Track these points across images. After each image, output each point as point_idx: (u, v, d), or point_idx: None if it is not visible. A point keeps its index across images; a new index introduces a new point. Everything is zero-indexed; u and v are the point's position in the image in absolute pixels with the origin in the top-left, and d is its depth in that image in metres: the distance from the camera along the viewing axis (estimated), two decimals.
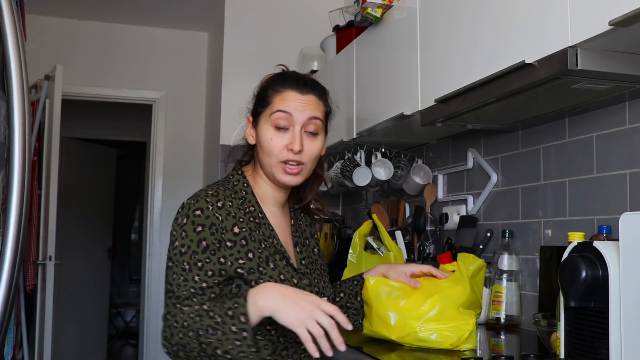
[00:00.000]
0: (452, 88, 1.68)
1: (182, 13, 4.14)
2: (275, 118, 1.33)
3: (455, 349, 1.53)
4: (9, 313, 1.02)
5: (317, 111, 1.36)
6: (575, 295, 1.17)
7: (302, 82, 1.37)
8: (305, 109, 1.34)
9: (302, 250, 1.44)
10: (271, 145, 1.33)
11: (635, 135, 1.58)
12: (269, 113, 1.34)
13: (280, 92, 1.35)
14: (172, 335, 1.19)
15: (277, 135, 1.33)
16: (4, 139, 1.11)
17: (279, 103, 1.33)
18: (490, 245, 2.12)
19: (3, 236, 1.02)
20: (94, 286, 5.66)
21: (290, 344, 1.33)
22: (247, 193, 1.37)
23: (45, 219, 3.42)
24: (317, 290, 1.39)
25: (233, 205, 1.32)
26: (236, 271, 1.27)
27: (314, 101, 1.36)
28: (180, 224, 1.27)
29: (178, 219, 1.28)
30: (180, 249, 1.25)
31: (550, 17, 1.33)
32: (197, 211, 1.27)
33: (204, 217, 1.26)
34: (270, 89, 1.37)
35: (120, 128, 6.18)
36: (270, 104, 1.35)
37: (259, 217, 1.36)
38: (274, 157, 1.33)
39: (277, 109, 1.33)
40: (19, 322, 3.39)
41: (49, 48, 4.10)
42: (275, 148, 1.33)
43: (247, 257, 1.28)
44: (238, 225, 1.30)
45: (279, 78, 1.39)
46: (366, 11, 2.20)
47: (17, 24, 1.04)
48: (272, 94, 1.36)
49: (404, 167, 2.63)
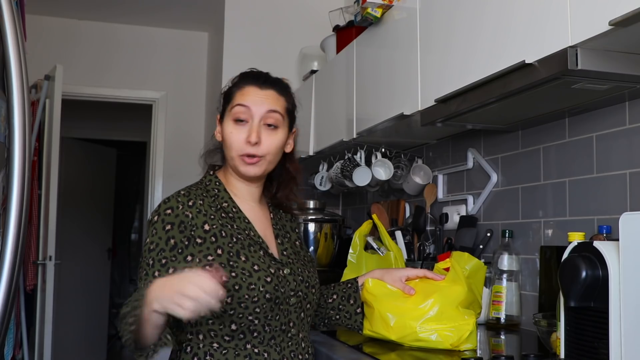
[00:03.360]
0: (452, 88, 1.68)
1: (182, 13, 4.14)
2: (235, 112, 1.38)
3: (455, 349, 1.52)
4: (9, 313, 1.02)
5: (276, 105, 1.40)
6: (575, 295, 1.17)
7: (262, 79, 1.42)
8: (264, 103, 1.38)
9: (284, 241, 1.47)
10: (231, 139, 1.38)
11: (635, 135, 1.58)
12: (230, 108, 1.40)
13: (241, 87, 1.41)
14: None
15: (237, 128, 1.38)
16: (4, 139, 1.11)
17: (239, 98, 1.39)
18: (490, 245, 2.12)
19: (3, 236, 1.02)
20: (94, 286, 5.66)
21: (276, 333, 1.34)
22: (220, 190, 1.42)
23: (45, 219, 3.42)
24: (302, 279, 1.41)
25: (204, 204, 1.36)
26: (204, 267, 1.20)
27: (273, 95, 1.41)
28: (152, 222, 1.32)
29: (151, 218, 1.33)
30: (149, 246, 1.29)
31: (550, 17, 1.33)
32: (167, 210, 1.32)
33: (173, 215, 1.31)
34: (234, 87, 1.44)
35: (120, 128, 6.19)
36: (232, 99, 1.41)
37: (232, 211, 1.40)
38: (234, 150, 1.38)
39: (237, 103, 1.39)
40: (19, 322, 3.39)
41: (49, 48, 4.10)
42: (235, 141, 1.37)
43: (216, 253, 1.31)
44: (208, 223, 1.33)
45: (241, 76, 1.45)
46: (366, 11, 2.20)
47: (17, 24, 1.04)
48: (234, 90, 1.42)
49: (404, 167, 2.63)
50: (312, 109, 2.88)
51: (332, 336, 1.77)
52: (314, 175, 3.15)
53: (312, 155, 2.90)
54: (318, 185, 3.09)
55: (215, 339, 1.31)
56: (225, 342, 1.31)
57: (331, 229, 2.91)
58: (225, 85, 1.48)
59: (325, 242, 2.93)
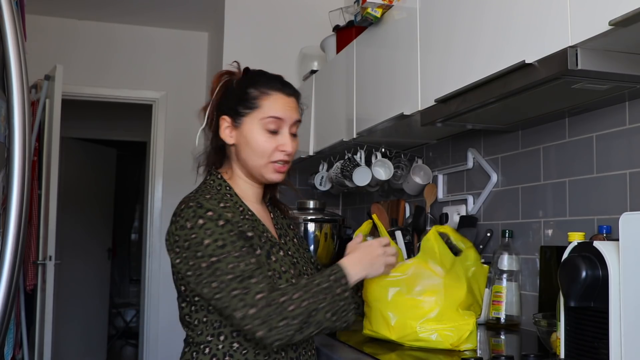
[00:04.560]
0: (452, 88, 1.68)
1: (182, 13, 4.14)
2: (267, 122, 1.37)
3: (455, 349, 1.53)
4: (9, 313, 1.02)
5: (299, 114, 1.43)
6: (575, 295, 1.17)
7: (286, 85, 1.42)
8: (292, 112, 1.40)
9: (287, 241, 1.48)
10: (264, 147, 1.37)
11: (635, 135, 1.58)
12: (260, 117, 1.37)
13: (268, 94, 1.38)
14: (284, 319, 1.19)
15: (270, 138, 1.37)
16: (4, 139, 1.11)
17: (270, 108, 1.37)
18: (490, 245, 2.12)
19: (3, 236, 1.02)
20: (94, 286, 5.66)
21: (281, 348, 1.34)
22: (232, 195, 1.39)
23: (45, 219, 3.42)
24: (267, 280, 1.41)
25: (230, 206, 1.33)
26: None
27: (296, 105, 1.42)
28: (198, 226, 1.26)
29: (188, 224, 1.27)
30: (216, 244, 1.24)
31: (551, 17, 1.33)
32: (208, 212, 1.27)
33: (216, 215, 1.27)
34: (253, 89, 1.39)
35: (120, 128, 6.18)
36: (259, 107, 1.37)
37: (248, 214, 1.38)
38: (265, 158, 1.38)
39: (270, 114, 1.37)
40: (19, 322, 3.39)
41: (49, 48, 4.10)
42: (268, 150, 1.37)
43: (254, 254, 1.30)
44: (240, 222, 1.31)
45: (260, 78, 1.41)
46: (366, 11, 2.20)
47: (17, 24, 1.04)
48: (258, 95, 1.38)
49: (404, 167, 2.63)
50: (312, 109, 2.88)
51: (332, 336, 1.77)
52: (314, 175, 3.15)
53: (312, 155, 2.90)
54: (318, 185, 3.09)
55: (236, 339, 1.30)
56: (246, 341, 1.31)
57: (331, 229, 2.91)
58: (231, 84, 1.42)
59: (325, 242, 2.93)
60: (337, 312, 1.25)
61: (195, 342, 1.32)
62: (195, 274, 1.25)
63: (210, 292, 1.23)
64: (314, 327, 1.23)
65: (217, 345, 1.30)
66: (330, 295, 1.24)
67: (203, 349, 1.31)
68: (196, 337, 1.32)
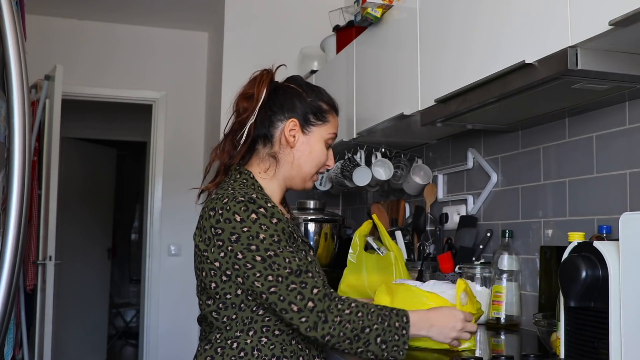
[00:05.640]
0: (452, 88, 1.68)
1: (182, 13, 4.14)
2: (330, 138, 1.47)
3: (454, 349, 1.52)
4: (9, 313, 1.02)
5: None
6: (575, 295, 1.17)
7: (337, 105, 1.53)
8: None
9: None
10: (321, 159, 1.46)
11: (635, 135, 1.58)
12: (327, 131, 1.46)
13: (334, 115, 1.49)
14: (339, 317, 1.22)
15: (325, 151, 1.47)
16: (4, 139, 1.11)
17: (334, 126, 1.49)
18: (490, 245, 2.12)
19: (3, 236, 1.02)
20: (94, 286, 5.66)
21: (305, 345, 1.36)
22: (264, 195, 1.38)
23: (45, 219, 3.42)
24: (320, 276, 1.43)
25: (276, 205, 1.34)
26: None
27: None
28: (251, 220, 1.26)
29: (236, 217, 1.26)
30: (272, 239, 1.26)
31: (551, 17, 1.33)
32: (261, 208, 1.28)
33: (269, 212, 1.28)
34: (327, 106, 1.48)
35: (120, 128, 6.18)
36: (328, 122, 1.47)
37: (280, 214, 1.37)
38: (316, 167, 1.46)
39: (334, 132, 1.48)
40: (19, 322, 3.39)
41: (49, 48, 4.10)
42: (322, 162, 1.47)
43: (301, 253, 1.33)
44: (287, 222, 1.34)
45: (331, 101, 1.50)
46: (366, 11, 2.20)
47: (17, 24, 1.04)
48: (330, 112, 1.48)
49: (404, 167, 2.63)
50: None
51: None
52: None
53: None
54: (318, 185, 3.09)
55: (265, 334, 1.31)
56: (274, 336, 1.31)
57: (331, 229, 2.91)
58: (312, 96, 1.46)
59: (325, 242, 2.93)
60: (388, 342, 1.25)
61: (221, 338, 1.32)
62: (245, 267, 1.25)
63: (264, 286, 1.24)
64: (362, 344, 1.23)
65: (245, 340, 1.30)
66: (387, 323, 1.25)
67: (230, 344, 1.31)
68: (225, 333, 1.32)
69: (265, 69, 1.46)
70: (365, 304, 1.27)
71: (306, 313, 1.21)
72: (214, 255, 1.28)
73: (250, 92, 1.42)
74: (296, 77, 1.51)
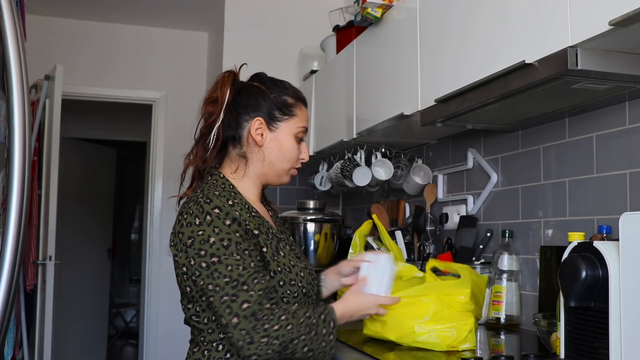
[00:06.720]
0: (452, 88, 1.68)
1: (182, 13, 4.14)
2: (299, 131, 1.45)
3: (454, 349, 1.53)
4: (9, 313, 1.02)
5: None
6: (575, 295, 1.17)
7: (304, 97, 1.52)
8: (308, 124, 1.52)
9: (287, 236, 1.50)
10: (293, 154, 1.45)
11: (635, 135, 1.58)
12: (295, 125, 1.45)
13: (301, 108, 1.48)
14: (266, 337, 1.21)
15: (297, 145, 1.46)
16: (4, 139, 1.11)
17: (303, 119, 1.47)
18: (490, 245, 2.12)
19: (3, 236, 1.02)
20: (94, 286, 5.66)
21: None
22: (236, 193, 1.39)
23: (45, 219, 3.42)
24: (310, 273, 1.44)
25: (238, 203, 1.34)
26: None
27: None
28: (207, 222, 1.27)
29: (196, 220, 1.27)
30: (221, 243, 1.25)
31: (551, 17, 1.33)
32: (215, 209, 1.28)
33: (224, 213, 1.28)
34: (293, 99, 1.46)
35: (120, 128, 6.18)
36: (296, 116, 1.45)
37: (254, 212, 1.39)
38: (290, 163, 1.46)
39: (303, 125, 1.46)
40: (19, 322, 3.39)
41: (49, 48, 4.10)
42: (295, 156, 1.46)
43: (262, 250, 1.32)
44: (248, 220, 1.32)
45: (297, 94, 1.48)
46: (366, 11, 2.20)
47: (17, 24, 1.04)
48: (296, 105, 1.46)
49: (404, 167, 2.63)
50: (312, 109, 2.88)
51: None
52: (314, 175, 3.15)
53: (312, 155, 2.90)
54: (318, 185, 3.09)
55: None
56: None
57: (331, 229, 2.91)
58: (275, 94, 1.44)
59: (325, 242, 2.93)
60: (315, 350, 1.26)
61: (206, 340, 1.32)
62: (195, 273, 1.26)
63: (206, 293, 1.25)
64: (290, 353, 1.24)
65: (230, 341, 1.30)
66: (314, 332, 1.26)
67: (216, 346, 1.31)
68: (207, 336, 1.32)
69: (227, 70, 1.47)
70: (295, 313, 1.26)
71: (231, 329, 1.21)
72: (182, 259, 1.30)
73: (214, 96, 1.45)
74: (260, 74, 1.50)
